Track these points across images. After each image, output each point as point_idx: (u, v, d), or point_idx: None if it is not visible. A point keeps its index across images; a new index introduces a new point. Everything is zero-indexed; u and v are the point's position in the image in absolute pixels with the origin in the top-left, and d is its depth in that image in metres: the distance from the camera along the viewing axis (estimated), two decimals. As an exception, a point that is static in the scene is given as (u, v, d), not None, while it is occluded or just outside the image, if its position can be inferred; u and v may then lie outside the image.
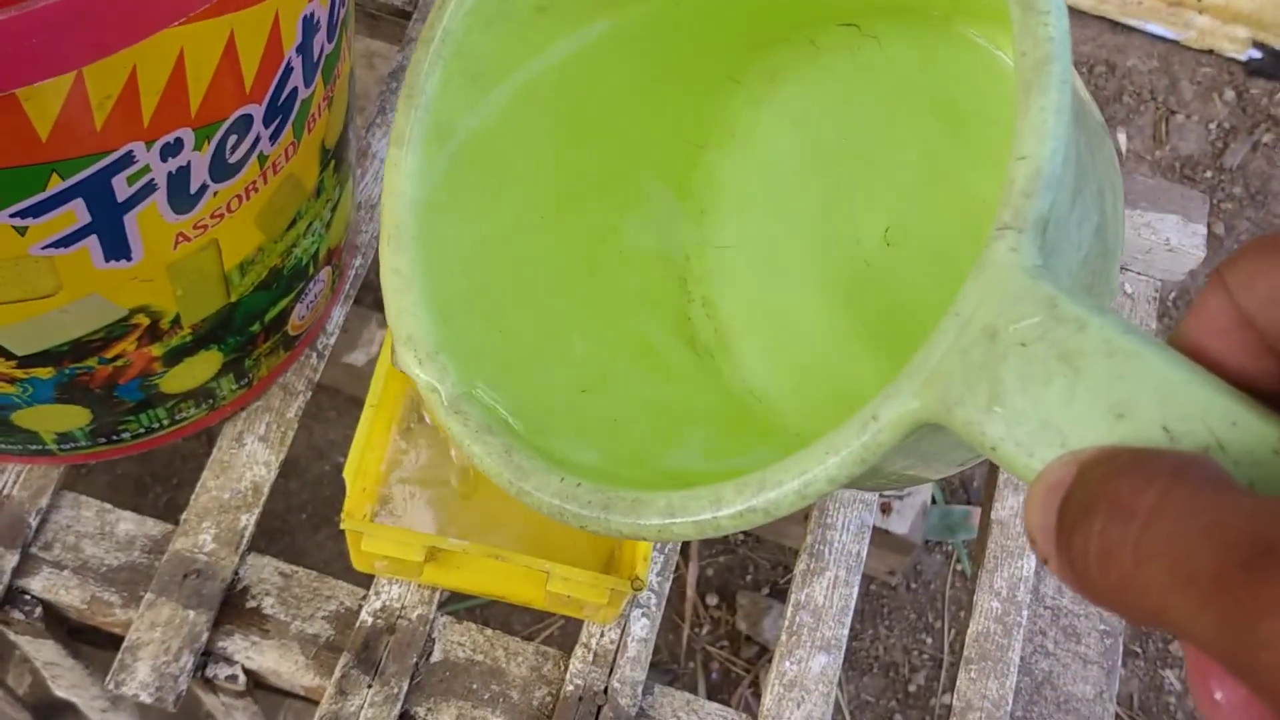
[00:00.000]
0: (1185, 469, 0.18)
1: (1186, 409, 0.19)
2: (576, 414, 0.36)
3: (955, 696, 0.50)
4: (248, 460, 0.51)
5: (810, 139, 0.42)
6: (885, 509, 0.85)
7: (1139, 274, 0.61)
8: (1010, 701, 0.50)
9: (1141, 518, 0.17)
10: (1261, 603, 0.15)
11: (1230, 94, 1.26)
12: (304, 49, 0.36)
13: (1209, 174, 1.20)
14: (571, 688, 0.47)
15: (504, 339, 0.36)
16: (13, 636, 0.51)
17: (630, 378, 0.40)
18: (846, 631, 0.50)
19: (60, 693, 0.59)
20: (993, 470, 0.56)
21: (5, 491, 0.49)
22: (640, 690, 0.48)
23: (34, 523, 0.49)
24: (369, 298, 0.64)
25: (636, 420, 0.38)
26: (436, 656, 0.48)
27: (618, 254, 0.42)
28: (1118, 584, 0.17)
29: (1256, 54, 1.26)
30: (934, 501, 0.98)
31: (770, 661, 0.50)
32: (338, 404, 0.97)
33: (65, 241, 0.34)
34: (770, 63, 0.42)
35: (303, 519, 0.95)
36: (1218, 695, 0.18)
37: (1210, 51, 1.27)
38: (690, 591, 0.95)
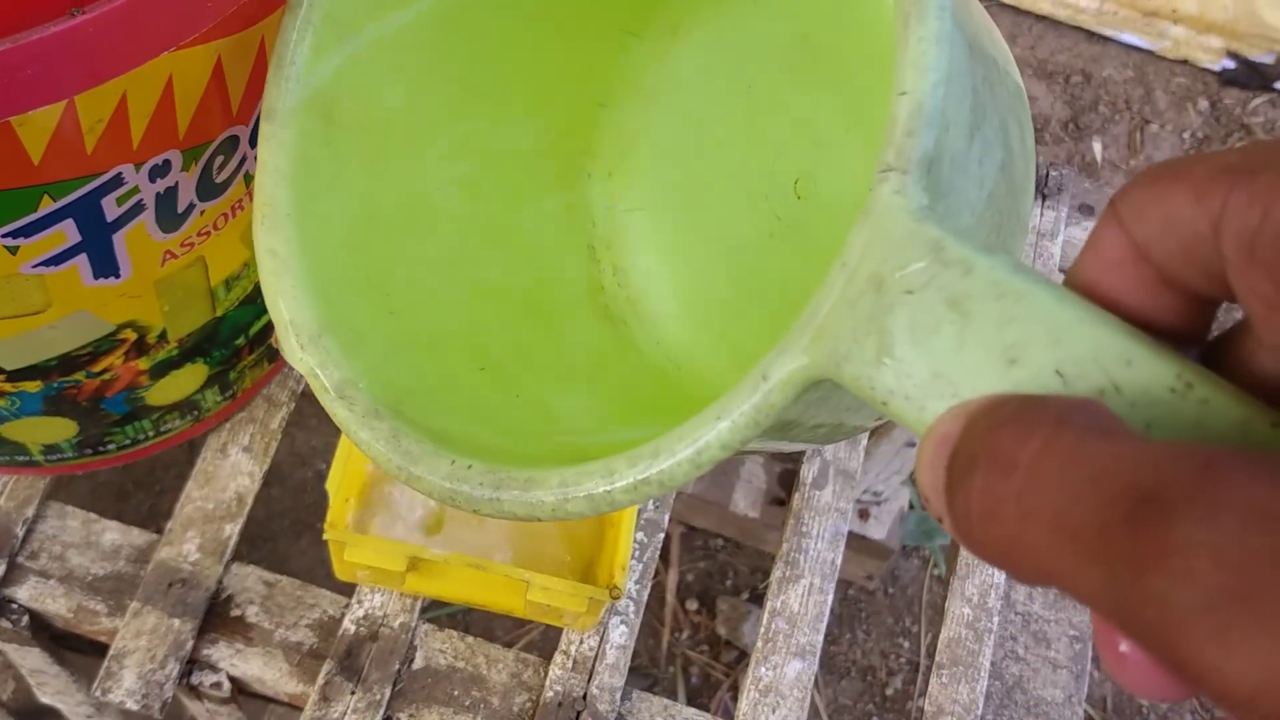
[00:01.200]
0: (1069, 415, 0.17)
1: (1079, 350, 0.18)
2: (476, 393, 0.35)
3: (927, 701, 0.51)
4: (232, 471, 0.51)
5: (717, 91, 0.40)
6: (863, 514, 0.86)
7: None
8: (981, 706, 0.51)
9: (1023, 471, 0.16)
10: (1145, 556, 0.14)
11: (1204, 103, 1.27)
12: (289, 71, 0.37)
13: (1182, 183, 1.22)
14: (551, 694, 0.48)
15: (395, 319, 0.34)
16: (-1, 644, 0.51)
17: (536, 353, 0.38)
18: (821, 638, 0.51)
19: (45, 699, 0.59)
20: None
21: (-8, 501, 0.50)
22: (619, 696, 0.49)
23: (20, 533, 0.49)
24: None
25: (543, 396, 0.36)
26: (418, 663, 0.49)
27: (520, 224, 0.40)
28: (1003, 543, 0.16)
29: (1230, 64, 1.28)
30: (911, 506, 0.99)
31: (749, 667, 0.51)
32: (318, 410, 0.97)
33: (55, 260, 0.35)
34: (671, 15, 0.39)
35: (285, 525, 0.96)
36: (1122, 647, 0.17)
37: (1185, 61, 1.29)
38: (670, 597, 0.96)
